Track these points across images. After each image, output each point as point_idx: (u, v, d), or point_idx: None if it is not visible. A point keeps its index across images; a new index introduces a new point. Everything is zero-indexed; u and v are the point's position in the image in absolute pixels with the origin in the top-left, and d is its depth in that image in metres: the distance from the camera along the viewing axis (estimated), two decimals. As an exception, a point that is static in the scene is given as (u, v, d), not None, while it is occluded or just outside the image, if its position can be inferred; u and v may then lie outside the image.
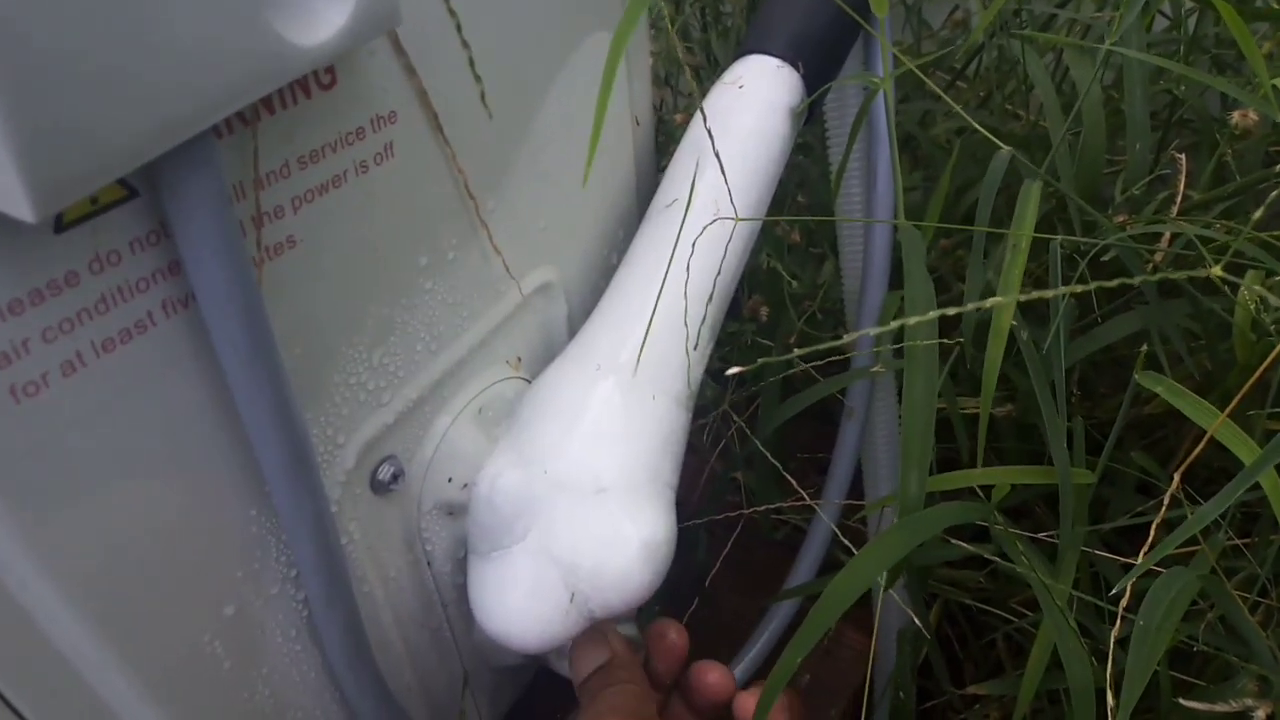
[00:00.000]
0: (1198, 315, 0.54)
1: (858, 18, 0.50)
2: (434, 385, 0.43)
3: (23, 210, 0.23)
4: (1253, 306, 0.44)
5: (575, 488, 0.44)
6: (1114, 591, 0.36)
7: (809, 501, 0.55)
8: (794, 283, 0.67)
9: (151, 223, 0.30)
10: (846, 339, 0.37)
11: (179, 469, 0.33)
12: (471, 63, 0.40)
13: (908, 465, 0.41)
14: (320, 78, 0.33)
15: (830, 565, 0.66)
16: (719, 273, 0.48)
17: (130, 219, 0.29)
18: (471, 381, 0.46)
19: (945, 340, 0.43)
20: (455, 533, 0.47)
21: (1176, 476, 0.39)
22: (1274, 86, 0.47)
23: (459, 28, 0.38)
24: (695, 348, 0.47)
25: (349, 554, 0.41)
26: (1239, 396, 0.38)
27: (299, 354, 0.36)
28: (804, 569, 0.65)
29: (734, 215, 0.49)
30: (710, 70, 0.70)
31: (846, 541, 0.55)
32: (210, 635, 0.36)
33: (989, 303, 0.37)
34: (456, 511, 0.46)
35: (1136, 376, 0.43)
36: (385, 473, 0.42)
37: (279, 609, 0.39)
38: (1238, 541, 0.50)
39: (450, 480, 0.45)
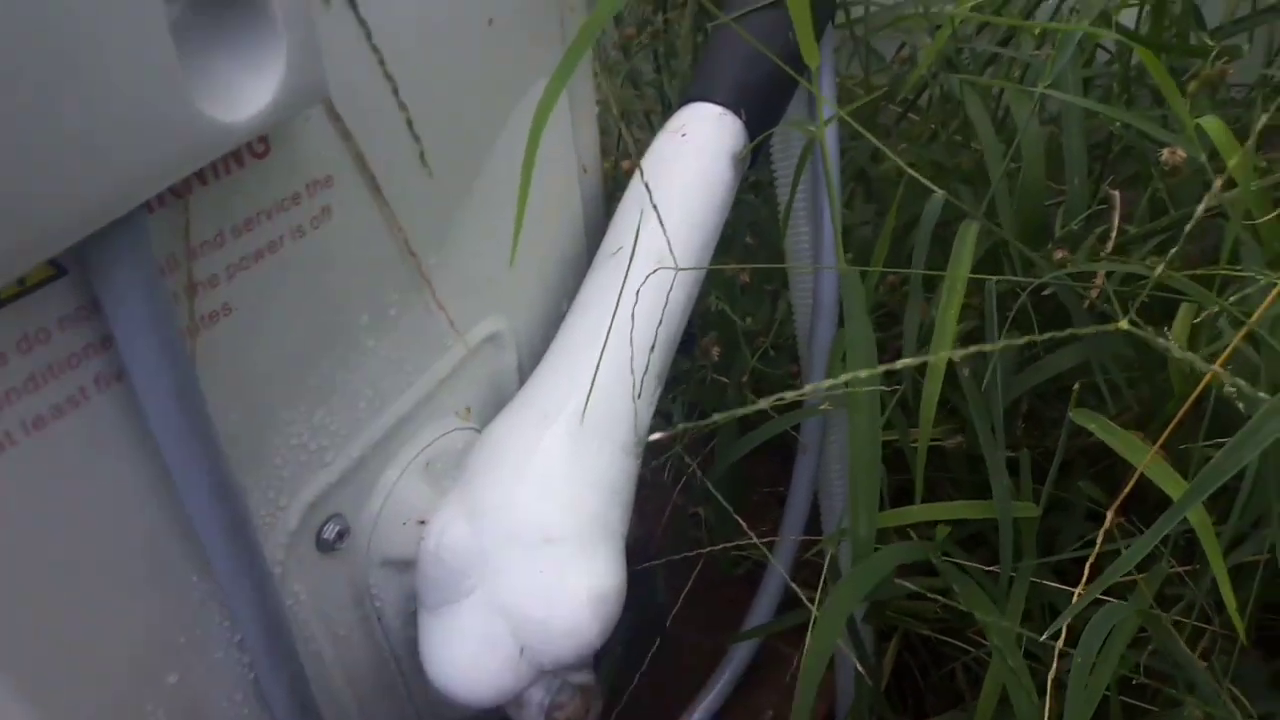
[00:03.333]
0: (1135, 346, 0.55)
1: (793, 73, 0.50)
2: (379, 441, 0.43)
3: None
4: (1183, 342, 0.45)
5: (523, 540, 0.44)
6: (1045, 636, 0.36)
7: (756, 541, 0.56)
8: (747, 320, 0.68)
9: (81, 299, 0.30)
10: (792, 396, 0.38)
11: (117, 540, 0.33)
12: (410, 123, 0.40)
13: (856, 508, 0.42)
14: (254, 147, 0.34)
15: (789, 602, 0.66)
16: (662, 321, 0.49)
17: (59, 297, 0.29)
18: (419, 435, 0.46)
19: (885, 388, 0.44)
20: (405, 587, 0.47)
21: (1110, 514, 0.40)
22: (1198, 126, 0.48)
23: (395, 91, 0.39)
24: (640, 396, 0.47)
25: (296, 614, 0.41)
26: (1167, 432, 0.39)
27: (237, 419, 0.36)
28: (762, 608, 0.65)
29: (675, 264, 0.49)
30: (665, 114, 0.71)
31: (795, 586, 0.56)
32: (153, 704, 0.36)
33: (914, 361, 0.37)
34: (405, 566, 0.46)
35: (1071, 414, 0.44)
36: (330, 531, 0.42)
37: (224, 673, 0.39)
38: (1179, 569, 0.51)
39: (398, 534, 0.45)
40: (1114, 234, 0.51)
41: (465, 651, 0.44)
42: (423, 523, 0.45)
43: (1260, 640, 0.56)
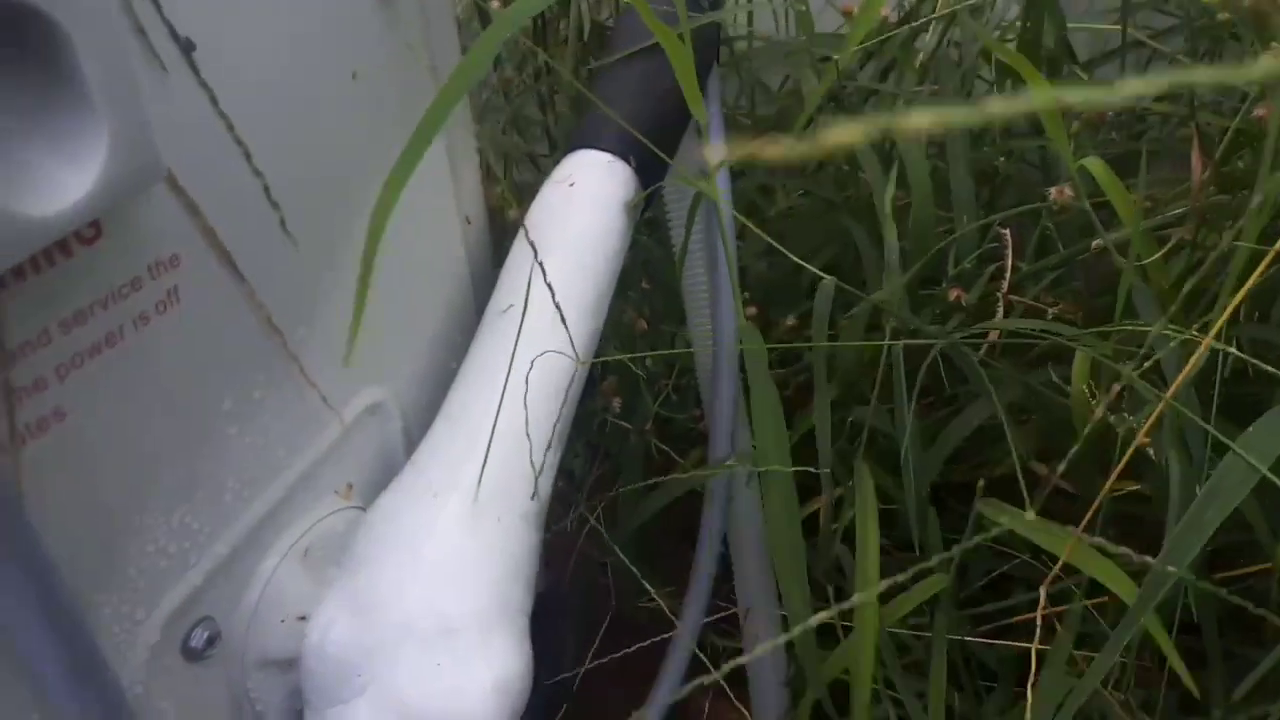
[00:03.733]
0: (1033, 392, 0.55)
1: (680, 115, 0.49)
2: (250, 533, 0.40)
3: None
4: (1083, 383, 0.45)
5: (418, 631, 0.41)
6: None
7: (667, 611, 0.54)
8: (647, 363, 0.66)
9: None
10: (695, 473, 0.36)
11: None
12: (266, 190, 0.37)
13: (787, 586, 0.40)
14: (82, 233, 0.30)
15: (698, 666, 0.64)
16: (562, 382, 0.46)
17: None
18: (295, 521, 0.43)
19: (796, 469, 0.43)
20: (289, 685, 0.43)
21: (1040, 616, 0.39)
22: (1081, 167, 0.49)
23: (248, 157, 0.36)
24: (541, 466, 0.45)
25: (165, 734, 0.37)
26: (1086, 519, 0.39)
27: (80, 535, 0.32)
28: (675, 664, 0.63)
29: (569, 321, 0.47)
30: (551, 154, 0.69)
31: (704, 658, 0.54)
32: None
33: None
34: (288, 665, 0.42)
35: (979, 506, 0.43)
36: (199, 638, 0.38)
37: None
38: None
39: (277, 632, 0.41)
40: (1009, 274, 0.51)
41: (359, 756, 0.41)
42: (303, 619, 0.41)
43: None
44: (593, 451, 0.74)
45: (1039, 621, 0.40)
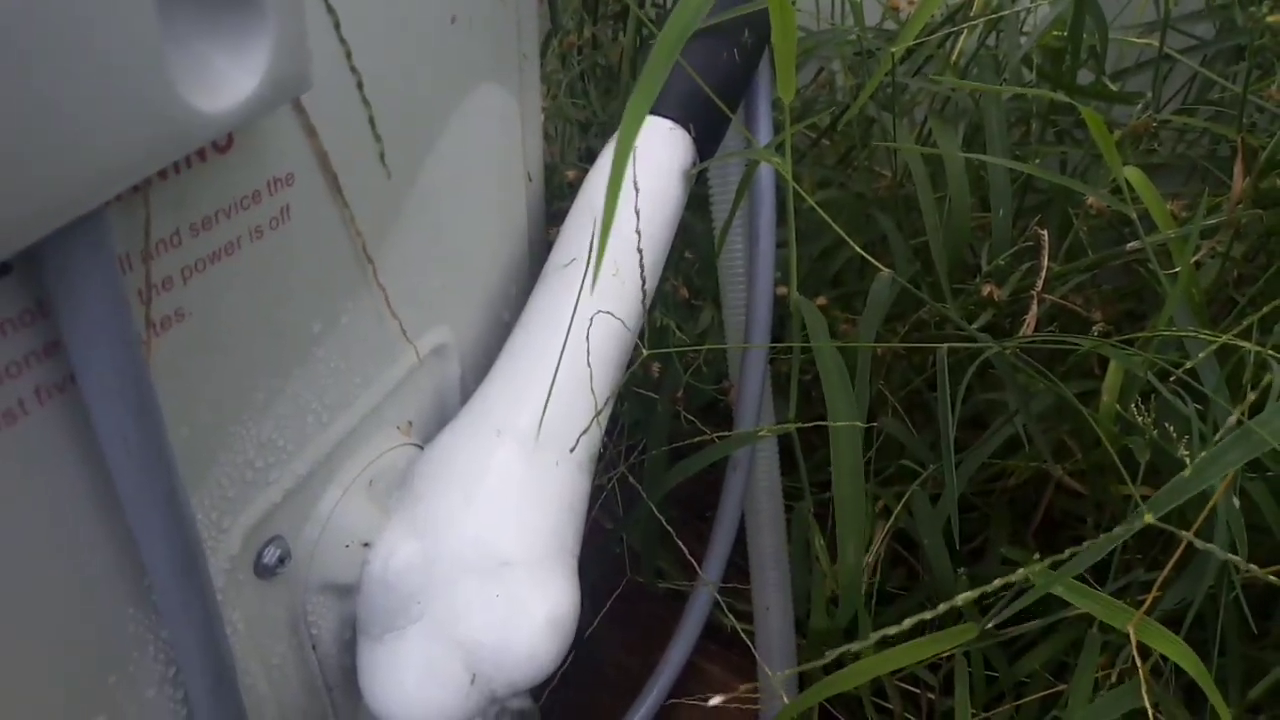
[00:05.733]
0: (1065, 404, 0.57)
1: (726, 99, 0.50)
2: (324, 458, 0.41)
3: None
4: (1114, 395, 0.47)
5: (476, 563, 0.42)
6: None
7: (709, 583, 0.55)
8: (678, 334, 0.68)
9: (26, 301, 0.26)
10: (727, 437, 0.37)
11: (49, 570, 0.29)
12: (372, 121, 0.38)
13: (845, 536, 0.42)
14: (218, 141, 0.31)
15: (713, 629, 0.66)
16: (618, 338, 0.48)
17: (2, 299, 0.26)
18: (361, 451, 0.44)
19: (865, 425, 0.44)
20: (342, 613, 0.44)
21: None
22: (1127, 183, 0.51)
23: (360, 85, 0.37)
24: (599, 412, 0.46)
25: (232, 645, 0.38)
26: (1149, 602, 0.40)
27: (185, 435, 0.33)
28: (689, 629, 0.65)
29: (632, 279, 0.49)
30: (597, 127, 0.70)
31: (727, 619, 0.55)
32: (76, 750, 0.32)
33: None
34: (344, 591, 0.43)
35: (1032, 576, 0.42)
36: (271, 555, 0.39)
37: (156, 712, 0.35)
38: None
39: (340, 558, 0.42)
40: (1044, 274, 0.53)
41: (413, 681, 0.42)
42: (366, 545, 0.42)
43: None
44: (611, 422, 0.75)
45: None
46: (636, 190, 0.48)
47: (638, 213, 0.50)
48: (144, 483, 0.29)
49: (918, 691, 0.66)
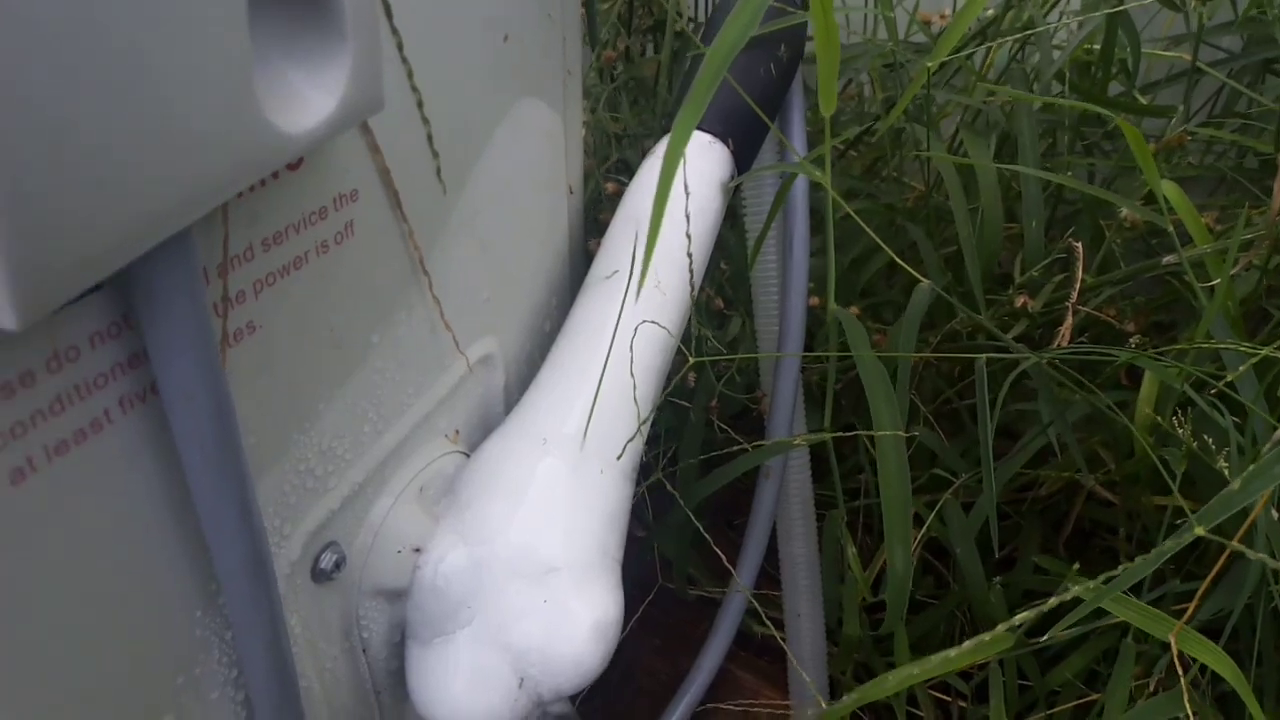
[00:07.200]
0: (1096, 415, 0.57)
1: (765, 112, 0.51)
2: (378, 465, 0.42)
3: (3, 317, 0.21)
4: (1150, 406, 0.48)
5: (524, 569, 0.43)
6: None
7: (744, 589, 0.56)
8: (708, 343, 0.68)
9: (113, 315, 0.27)
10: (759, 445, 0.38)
11: (126, 573, 0.30)
12: (430, 138, 0.39)
13: (893, 542, 0.42)
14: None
15: (742, 636, 0.67)
16: (663, 346, 0.49)
17: (92, 312, 0.27)
18: (413, 459, 0.44)
19: (908, 434, 0.45)
20: (392, 618, 0.45)
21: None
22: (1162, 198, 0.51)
23: (420, 104, 0.38)
24: (643, 420, 0.47)
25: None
26: (1191, 610, 0.40)
27: (252, 444, 0.34)
28: (721, 636, 0.65)
29: (675, 287, 0.49)
30: (628, 140, 0.71)
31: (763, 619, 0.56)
32: (144, 749, 0.33)
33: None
34: (395, 596, 0.44)
35: (1078, 591, 0.43)
36: (328, 560, 0.40)
37: (218, 714, 0.36)
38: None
39: (391, 563, 0.43)
40: (1078, 285, 0.53)
41: (461, 684, 0.43)
42: (417, 550, 0.43)
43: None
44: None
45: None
46: (688, 195, 0.49)
47: (688, 216, 0.51)
48: (219, 489, 0.30)
49: (948, 699, 0.66)
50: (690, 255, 0.51)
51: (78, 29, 0.20)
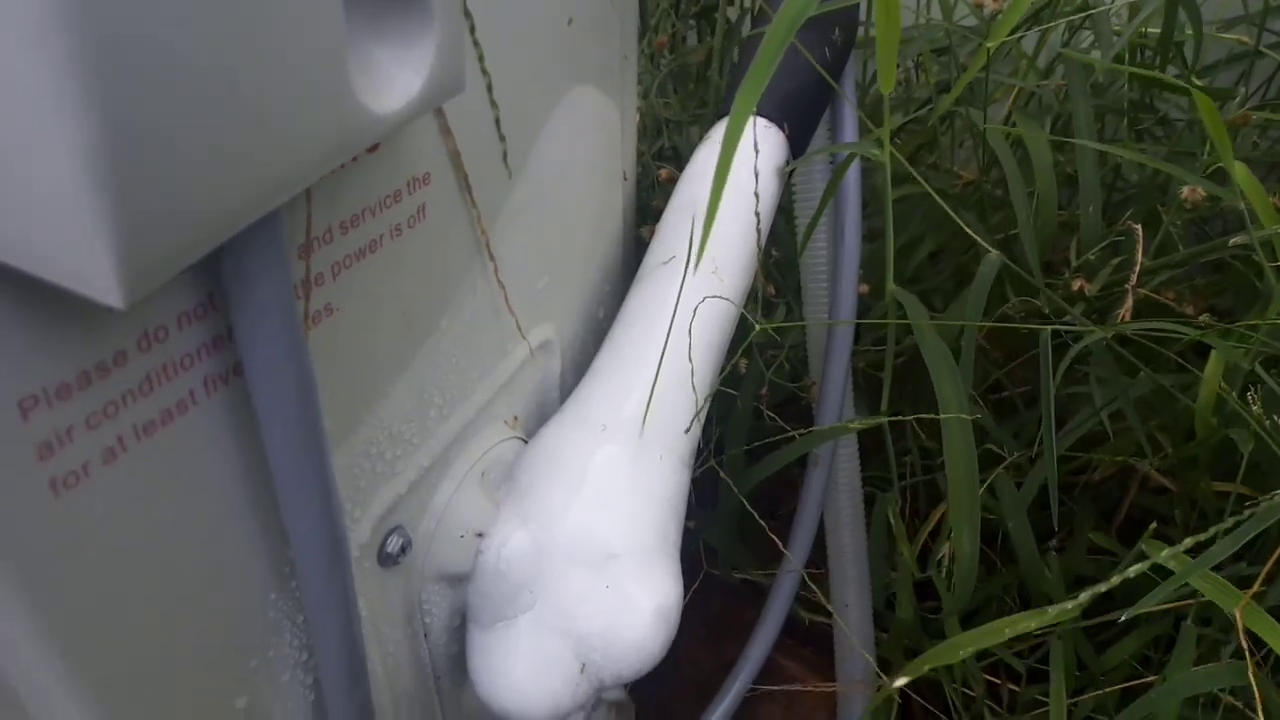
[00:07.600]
0: (1161, 392, 0.56)
1: (829, 88, 0.50)
2: (444, 450, 0.42)
3: (111, 295, 0.21)
4: (1214, 386, 0.47)
5: (585, 554, 0.43)
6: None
7: (797, 568, 0.56)
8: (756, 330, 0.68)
9: (200, 295, 0.27)
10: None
11: (205, 556, 0.30)
12: (498, 122, 0.39)
13: (959, 524, 0.42)
14: (367, 139, 0.32)
15: (788, 624, 0.66)
16: (721, 332, 0.48)
17: (180, 292, 0.27)
18: (474, 444, 0.44)
19: (973, 417, 0.44)
20: (453, 603, 0.45)
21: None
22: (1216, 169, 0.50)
23: (489, 87, 0.37)
24: (699, 406, 0.47)
25: (357, 632, 0.39)
26: (1259, 581, 0.39)
27: (327, 427, 0.34)
28: (769, 625, 0.65)
29: (732, 273, 0.49)
30: (677, 127, 0.70)
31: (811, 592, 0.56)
32: (220, 731, 0.34)
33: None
34: (457, 581, 0.44)
35: (1144, 547, 0.43)
36: (394, 544, 0.40)
37: (288, 696, 0.36)
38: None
39: (455, 548, 0.43)
40: (1138, 268, 0.52)
41: (523, 669, 0.43)
42: (480, 535, 0.43)
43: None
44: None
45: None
46: (757, 178, 0.48)
47: (757, 196, 0.51)
48: (301, 470, 0.30)
49: (999, 682, 0.65)
50: (746, 240, 0.51)
51: (188, 13, 0.20)
